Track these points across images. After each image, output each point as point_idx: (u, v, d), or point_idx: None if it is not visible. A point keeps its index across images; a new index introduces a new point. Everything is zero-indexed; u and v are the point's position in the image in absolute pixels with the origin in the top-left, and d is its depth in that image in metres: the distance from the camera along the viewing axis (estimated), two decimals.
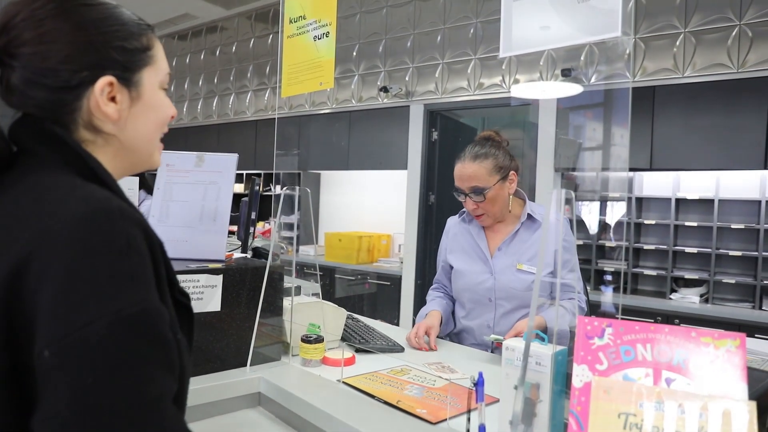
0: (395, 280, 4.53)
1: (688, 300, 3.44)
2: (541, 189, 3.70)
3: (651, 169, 3.46)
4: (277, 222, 1.63)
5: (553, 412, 0.96)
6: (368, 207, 5.30)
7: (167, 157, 1.55)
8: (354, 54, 4.82)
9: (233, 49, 6.04)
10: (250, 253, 1.79)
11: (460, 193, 1.80)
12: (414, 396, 1.29)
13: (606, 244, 3.84)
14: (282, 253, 1.83)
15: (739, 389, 0.74)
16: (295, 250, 5.15)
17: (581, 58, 3.62)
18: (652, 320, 3.26)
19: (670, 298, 3.50)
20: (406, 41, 4.50)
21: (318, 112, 5.11)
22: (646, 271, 3.69)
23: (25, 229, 0.61)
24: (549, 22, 1.04)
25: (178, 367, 0.66)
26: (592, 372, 0.81)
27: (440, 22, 4.31)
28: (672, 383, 0.77)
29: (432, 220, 4.46)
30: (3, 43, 0.68)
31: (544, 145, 3.76)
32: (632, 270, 3.72)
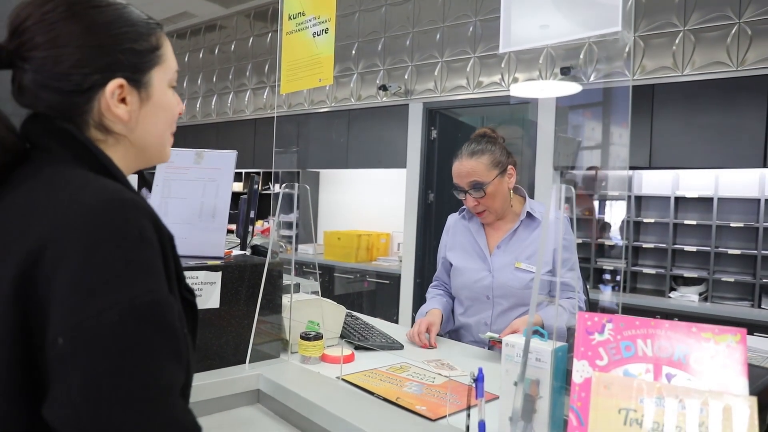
0: (394, 279, 4.53)
1: (687, 298, 3.45)
2: (541, 187, 3.70)
3: (650, 168, 3.47)
4: (276, 220, 1.63)
5: (553, 409, 0.96)
6: (367, 205, 5.29)
7: None
8: (353, 52, 4.81)
9: (232, 47, 6.03)
10: (249, 251, 1.79)
11: (459, 191, 1.80)
12: (413, 393, 1.29)
13: (605, 243, 3.84)
14: (281, 251, 1.82)
15: (740, 384, 0.73)
16: (294, 249, 5.14)
17: (580, 57, 3.62)
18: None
19: (669, 297, 3.50)
20: (405, 39, 4.50)
21: (317, 111, 5.11)
22: (645, 270, 3.69)
23: (40, 220, 0.62)
24: (549, 18, 1.04)
25: (186, 359, 0.67)
26: (593, 367, 0.81)
27: (439, 21, 4.30)
28: (672, 379, 0.77)
29: (431, 218, 4.45)
30: (15, 45, 0.69)
31: (543, 143, 3.76)
32: (631, 268, 3.72)
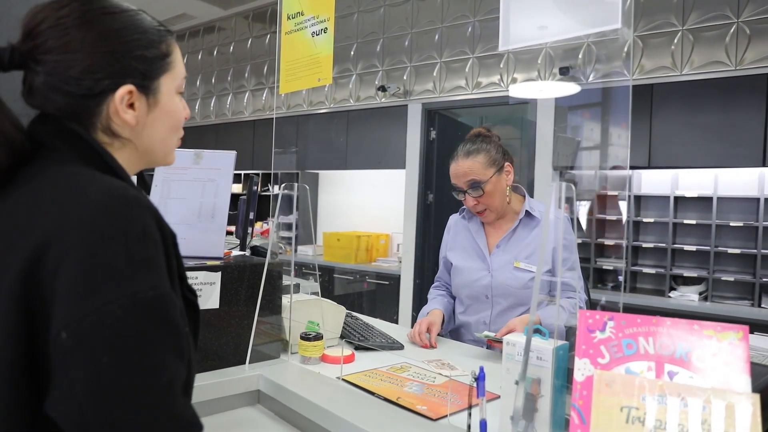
0: (394, 280, 4.52)
1: (687, 298, 3.44)
2: (540, 187, 3.70)
3: (649, 167, 3.47)
4: (275, 221, 1.63)
5: (555, 408, 0.96)
6: (367, 206, 5.29)
7: None
8: (352, 53, 4.82)
9: (231, 49, 6.03)
10: (248, 252, 1.79)
11: (458, 192, 1.81)
12: (414, 393, 1.28)
13: (605, 243, 3.84)
14: (281, 252, 1.82)
15: (743, 382, 0.73)
16: (294, 250, 5.14)
17: (579, 57, 3.62)
18: None
19: (669, 296, 3.50)
20: (404, 40, 4.50)
21: (316, 112, 5.11)
22: (644, 270, 3.68)
23: (45, 216, 0.63)
24: (549, 15, 1.03)
25: (188, 357, 0.68)
26: (594, 365, 0.81)
27: (438, 21, 4.30)
28: (675, 376, 0.77)
29: (430, 219, 4.45)
30: (28, 48, 0.71)
31: (542, 143, 3.76)
32: (631, 268, 3.72)
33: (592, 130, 3.66)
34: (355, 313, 1.98)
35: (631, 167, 3.54)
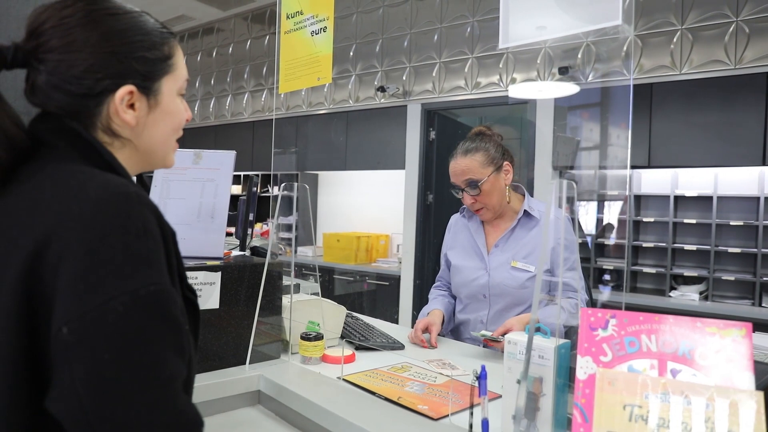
0: (394, 280, 4.52)
1: (687, 297, 3.44)
2: (539, 187, 3.70)
3: (649, 167, 3.46)
4: (275, 222, 1.62)
5: (557, 406, 0.95)
6: (366, 207, 5.29)
7: None
8: (351, 54, 4.81)
9: (230, 50, 6.03)
10: (248, 252, 1.78)
11: (457, 190, 1.81)
12: (415, 393, 1.28)
13: (605, 242, 3.84)
14: (281, 253, 1.82)
15: (746, 379, 0.73)
16: (294, 251, 5.14)
17: (578, 56, 3.62)
18: None
19: (670, 296, 3.50)
20: (403, 41, 4.50)
21: (315, 113, 5.10)
22: (645, 269, 3.68)
23: (46, 212, 0.64)
24: (549, 13, 1.03)
25: (188, 354, 0.68)
26: (597, 364, 0.80)
27: (437, 22, 4.30)
28: (678, 374, 0.76)
29: (430, 219, 4.45)
30: (31, 46, 0.71)
31: (541, 143, 3.76)
32: (631, 268, 3.71)
33: (592, 130, 3.65)
34: (355, 314, 1.97)
35: (631, 167, 3.53)
